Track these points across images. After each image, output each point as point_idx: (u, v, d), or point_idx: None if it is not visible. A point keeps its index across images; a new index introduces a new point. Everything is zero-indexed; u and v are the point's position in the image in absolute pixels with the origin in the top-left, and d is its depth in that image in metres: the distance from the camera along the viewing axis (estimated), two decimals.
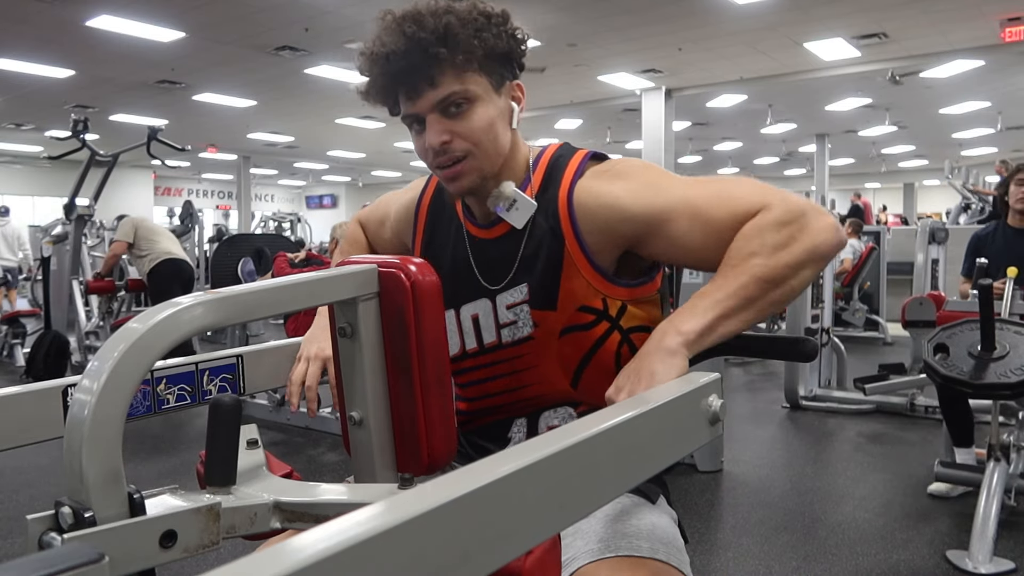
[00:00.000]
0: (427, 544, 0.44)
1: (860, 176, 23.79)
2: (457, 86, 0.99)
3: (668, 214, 1.01)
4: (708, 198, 1.00)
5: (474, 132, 1.01)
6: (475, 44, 0.99)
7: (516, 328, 1.09)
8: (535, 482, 0.54)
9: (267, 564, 0.37)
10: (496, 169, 1.06)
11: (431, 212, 1.19)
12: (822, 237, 0.95)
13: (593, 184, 1.05)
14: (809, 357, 1.04)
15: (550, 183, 1.08)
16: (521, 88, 1.09)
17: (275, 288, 0.82)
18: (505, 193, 1.06)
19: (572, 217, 1.04)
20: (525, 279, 1.08)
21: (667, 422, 0.73)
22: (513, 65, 1.06)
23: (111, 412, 0.63)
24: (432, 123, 1.01)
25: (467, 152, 1.02)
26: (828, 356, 5.09)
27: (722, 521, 2.98)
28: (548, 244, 1.06)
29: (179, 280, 5.71)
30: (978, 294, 2.78)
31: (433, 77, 0.99)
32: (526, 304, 1.08)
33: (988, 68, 10.32)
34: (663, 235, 1.02)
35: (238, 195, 18.61)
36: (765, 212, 0.96)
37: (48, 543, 0.62)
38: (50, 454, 2.84)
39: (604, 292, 1.05)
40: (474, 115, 1.01)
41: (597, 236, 1.04)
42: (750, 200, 0.98)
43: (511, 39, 1.04)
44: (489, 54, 1.01)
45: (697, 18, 8.19)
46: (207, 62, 9.77)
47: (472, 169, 1.03)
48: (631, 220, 1.02)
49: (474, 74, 1.01)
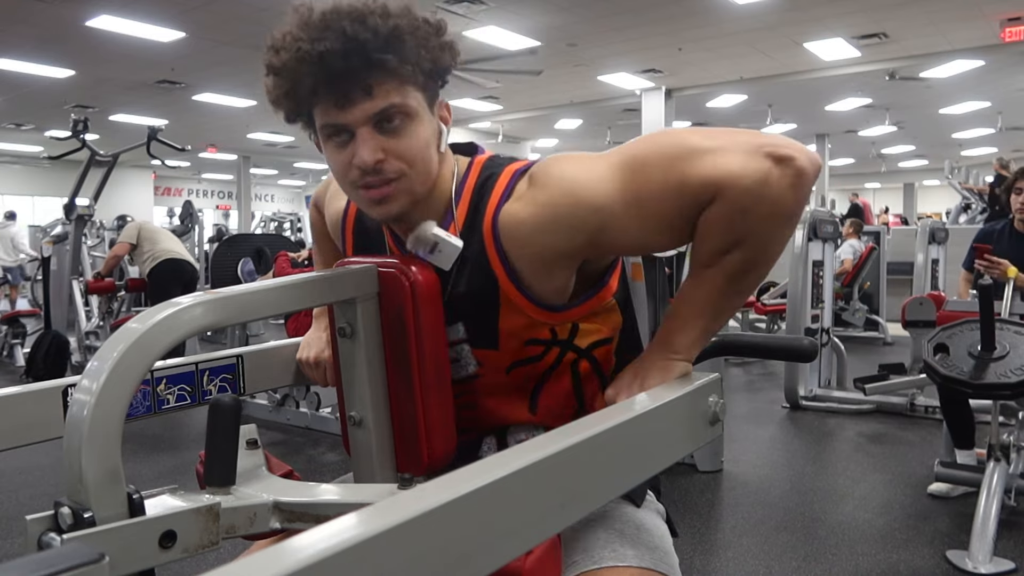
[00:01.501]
0: (427, 544, 0.44)
1: (860, 176, 23.79)
2: (397, 99, 0.87)
3: (611, 219, 0.88)
4: (649, 186, 0.86)
5: (410, 151, 0.89)
6: (423, 54, 0.88)
7: (460, 366, 0.99)
8: (535, 482, 0.54)
9: (267, 564, 0.37)
10: (426, 193, 0.93)
11: (356, 232, 1.07)
12: (790, 195, 0.83)
13: (518, 209, 0.91)
14: (809, 357, 1.04)
15: (476, 213, 0.94)
16: (448, 108, 0.97)
17: (275, 288, 0.82)
18: (424, 237, 0.92)
19: (500, 251, 0.91)
20: (460, 318, 0.97)
21: (667, 422, 0.73)
22: (441, 82, 0.95)
23: (111, 412, 0.63)
24: (365, 137, 0.87)
25: (400, 173, 0.89)
26: (828, 356, 5.09)
27: (722, 521, 2.98)
28: (479, 283, 0.93)
29: (180, 280, 5.70)
30: (978, 294, 2.78)
31: (371, 86, 0.86)
32: (466, 343, 0.98)
33: (988, 68, 10.32)
34: (612, 238, 0.90)
35: (238, 195, 18.62)
36: (719, 200, 0.84)
37: (48, 543, 0.62)
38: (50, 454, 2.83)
39: (549, 322, 0.95)
40: (410, 133, 0.89)
41: (533, 265, 0.92)
42: (698, 180, 0.84)
43: (449, 52, 0.93)
44: (432, 68, 0.90)
45: (697, 18, 8.19)
46: (207, 62, 9.77)
47: (403, 192, 0.90)
48: (569, 239, 0.89)
49: (414, 88, 0.89)
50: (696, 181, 0.83)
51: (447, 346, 0.96)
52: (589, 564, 0.90)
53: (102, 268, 6.17)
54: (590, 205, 0.87)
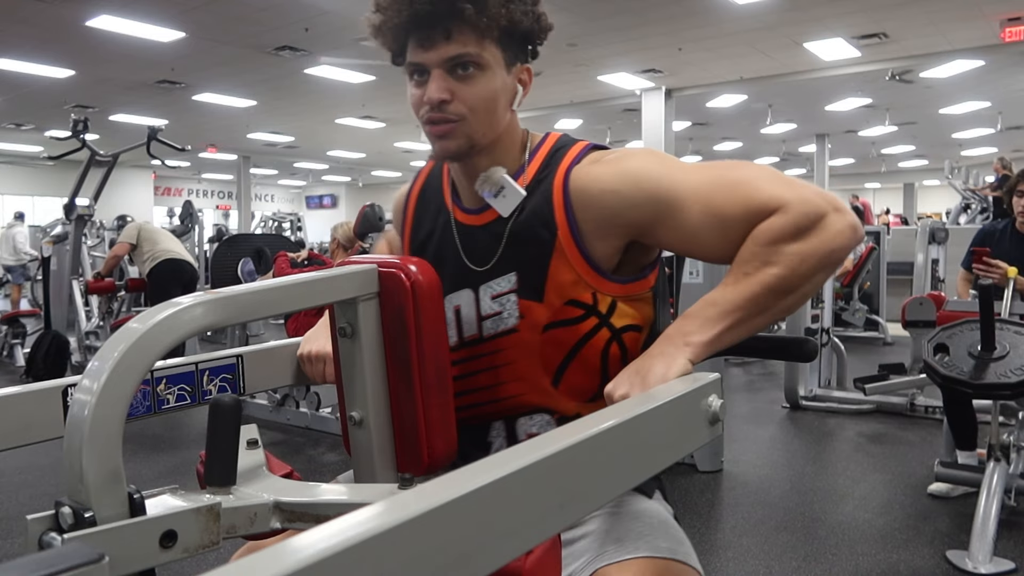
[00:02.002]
0: (427, 544, 0.44)
1: (860, 176, 23.79)
2: (472, 48, 0.96)
3: (679, 203, 0.95)
4: (722, 189, 0.94)
5: (475, 99, 0.98)
6: (502, 12, 0.96)
7: (500, 319, 1.03)
8: (535, 482, 0.54)
9: (267, 564, 0.37)
10: (486, 142, 1.02)
11: (420, 201, 1.16)
12: (839, 241, 0.90)
13: (593, 169, 1.00)
14: (809, 357, 1.04)
15: (546, 170, 1.03)
16: (530, 72, 1.06)
17: (275, 288, 0.82)
18: (493, 178, 1.02)
19: (567, 204, 1.00)
20: (513, 267, 1.03)
21: (667, 422, 0.73)
22: (528, 47, 1.04)
23: (111, 412, 0.63)
24: (436, 77, 0.97)
25: (461, 116, 0.98)
26: (828, 356, 5.09)
27: (722, 521, 2.98)
28: (538, 232, 1.01)
29: (179, 280, 5.70)
30: (978, 294, 2.78)
31: (451, 31, 0.95)
32: (514, 293, 1.02)
33: (988, 68, 10.32)
34: (672, 225, 0.96)
35: (238, 195, 18.61)
36: (782, 213, 0.90)
37: (48, 543, 0.62)
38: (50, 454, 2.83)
39: (595, 286, 1.00)
40: (480, 82, 0.98)
41: (596, 225, 0.99)
42: (768, 195, 0.91)
43: (535, 21, 1.01)
44: (511, 28, 0.98)
45: (697, 18, 8.19)
46: (207, 62, 9.76)
47: (461, 133, 0.99)
48: (637, 206, 0.97)
49: (491, 43, 0.98)
50: (766, 195, 0.92)
51: (447, 346, 0.96)
52: (624, 554, 0.92)
53: (102, 268, 6.18)
54: (665, 184, 0.96)
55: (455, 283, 1.07)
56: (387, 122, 13.94)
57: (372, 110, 13.03)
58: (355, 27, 8.23)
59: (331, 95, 11.69)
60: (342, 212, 25.40)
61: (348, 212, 24.24)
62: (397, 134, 15.24)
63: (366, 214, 5.04)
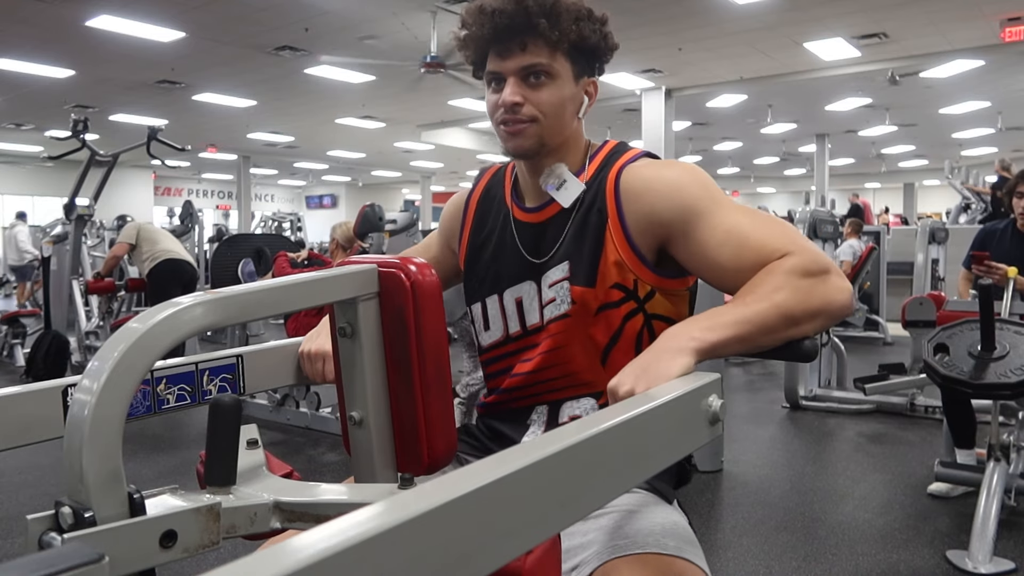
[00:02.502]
0: (427, 544, 0.44)
1: (860, 176, 23.79)
2: (544, 59, 1.08)
3: (706, 218, 1.04)
4: (748, 219, 1.04)
5: (544, 104, 1.09)
6: (572, 29, 1.08)
7: (555, 305, 1.12)
8: (535, 482, 0.54)
9: (267, 564, 0.37)
10: (555, 144, 1.13)
11: (481, 203, 1.26)
12: (840, 298, 0.99)
13: (644, 168, 1.11)
14: (809, 357, 1.04)
15: (603, 170, 1.14)
16: (596, 86, 1.17)
17: (275, 288, 0.82)
18: (556, 172, 1.13)
19: (617, 196, 1.10)
20: (567, 257, 1.12)
21: (667, 422, 0.73)
22: (595, 63, 1.16)
23: (111, 412, 0.63)
24: (512, 84, 1.09)
25: (532, 118, 1.10)
26: (828, 356, 5.09)
27: (722, 521, 2.98)
28: (592, 223, 1.11)
29: (179, 281, 5.70)
30: (978, 294, 2.78)
31: (526, 43, 1.08)
32: (566, 281, 1.11)
33: (988, 68, 10.32)
34: (695, 237, 1.04)
35: (238, 195, 18.61)
36: (795, 255, 0.99)
37: (48, 543, 0.62)
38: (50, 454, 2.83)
39: (636, 273, 1.08)
40: (549, 89, 1.10)
41: (639, 217, 1.08)
42: (782, 240, 1.01)
43: (603, 39, 1.14)
44: (580, 43, 1.10)
45: (697, 18, 8.19)
46: (207, 62, 9.77)
47: (532, 134, 1.10)
48: (673, 208, 1.06)
49: (562, 56, 1.10)
50: (785, 238, 1.01)
51: (447, 345, 0.96)
52: (633, 548, 0.96)
53: (101, 268, 6.18)
54: (699, 199, 1.06)
55: (516, 276, 1.17)
56: (387, 122, 13.93)
57: (372, 110, 13.04)
58: (355, 27, 8.25)
59: (331, 95, 11.69)
60: (342, 212, 25.40)
61: (348, 212, 24.25)
62: (397, 134, 15.24)
63: (366, 214, 5.03)
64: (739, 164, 21.38)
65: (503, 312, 1.18)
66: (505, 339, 1.18)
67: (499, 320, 1.19)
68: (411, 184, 24.72)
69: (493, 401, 1.20)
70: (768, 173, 23.99)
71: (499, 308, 1.18)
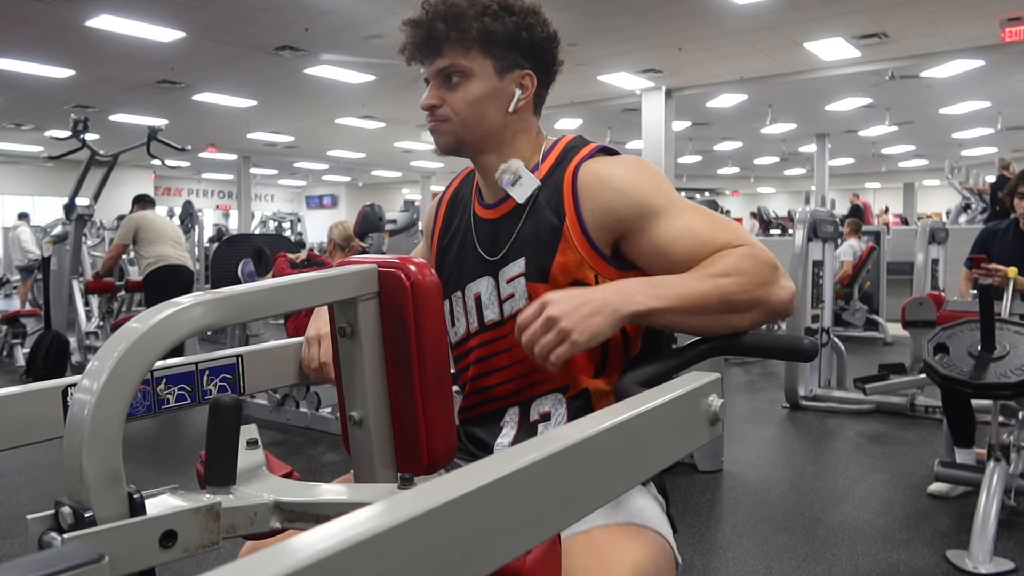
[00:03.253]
0: (427, 544, 0.44)
1: (860, 176, 23.79)
2: (460, 60, 1.10)
3: (663, 212, 1.07)
4: (702, 216, 1.08)
5: (459, 103, 1.12)
6: (474, 26, 1.09)
7: (514, 301, 1.13)
8: (535, 482, 0.54)
9: (267, 564, 0.37)
10: (475, 139, 1.14)
11: (451, 203, 1.28)
12: (782, 295, 1.04)
13: (599, 165, 1.11)
14: (809, 357, 1.04)
15: (559, 166, 1.14)
16: (531, 78, 1.16)
17: (275, 288, 0.82)
18: (511, 168, 1.14)
19: (575, 193, 1.10)
20: (523, 252, 1.13)
21: (667, 422, 0.73)
22: (526, 54, 1.14)
23: (111, 412, 0.63)
24: (432, 87, 1.14)
25: (447, 117, 1.13)
26: (828, 356, 5.09)
27: (722, 521, 2.98)
28: (547, 219, 1.11)
29: (175, 286, 5.67)
30: (978, 294, 2.78)
31: (441, 47, 1.11)
32: (523, 277, 1.13)
33: (988, 68, 10.32)
34: (649, 234, 1.07)
35: (238, 195, 18.61)
36: (749, 247, 1.04)
37: (48, 543, 0.62)
38: (50, 454, 2.83)
39: (596, 269, 1.09)
40: (464, 89, 1.11)
41: (595, 214, 1.09)
42: (735, 235, 1.06)
43: (525, 30, 1.12)
44: (488, 38, 1.10)
45: (697, 18, 8.19)
46: (207, 62, 9.77)
47: (448, 131, 1.14)
48: (628, 204, 1.07)
49: (477, 54, 1.11)
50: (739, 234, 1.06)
51: (447, 345, 0.97)
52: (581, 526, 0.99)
53: (100, 268, 6.17)
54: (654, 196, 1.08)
55: (474, 272, 1.18)
56: (387, 122, 13.93)
57: (372, 110, 13.03)
58: (355, 27, 8.24)
59: (331, 95, 11.69)
60: (342, 212, 25.40)
61: (348, 212, 24.24)
62: (397, 134, 15.24)
63: (366, 214, 5.04)
64: (739, 164, 21.38)
65: (465, 308, 1.19)
66: (467, 335, 1.19)
67: (462, 317, 1.20)
68: (411, 184, 24.71)
69: (469, 404, 1.21)
70: (768, 173, 23.99)
71: (462, 305, 1.19)
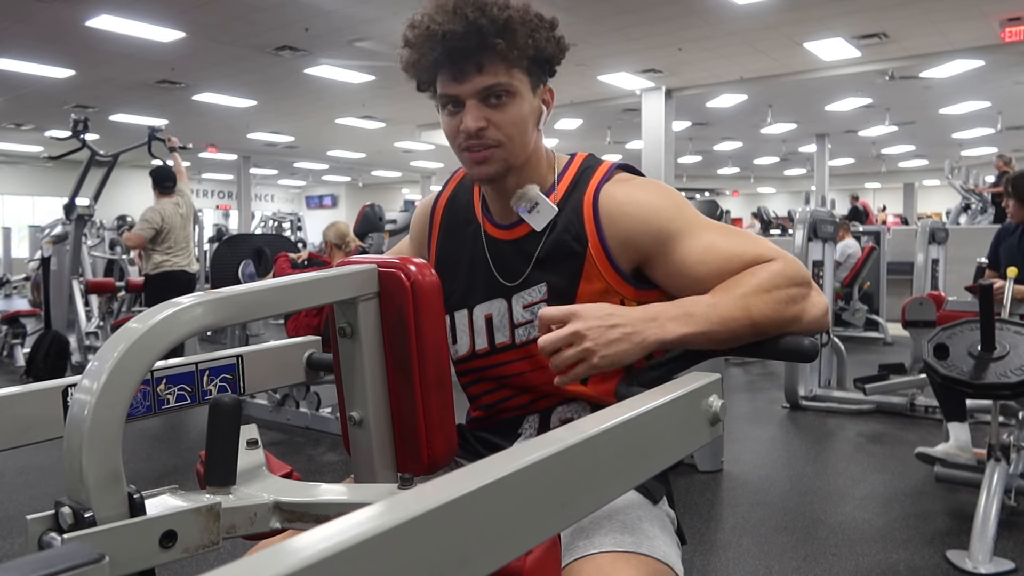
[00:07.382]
0: (427, 544, 0.44)
1: (860, 176, 23.79)
2: (503, 78, 1.03)
3: (684, 234, 1.03)
4: (724, 236, 1.04)
5: (509, 125, 1.05)
6: (529, 43, 1.03)
7: (532, 327, 1.09)
8: (535, 482, 0.54)
9: (267, 564, 0.37)
10: (519, 163, 1.08)
11: (448, 209, 1.21)
12: (816, 312, 1.00)
13: (619, 189, 1.08)
14: (809, 357, 1.04)
15: (576, 188, 1.10)
16: (551, 92, 1.13)
17: (275, 288, 0.82)
18: (528, 195, 1.09)
19: (596, 220, 1.07)
20: (544, 279, 1.09)
21: (667, 422, 0.73)
22: (549, 70, 1.11)
23: (111, 412, 0.63)
24: (471, 108, 1.03)
25: (498, 141, 1.05)
26: (828, 356, 5.09)
27: (722, 521, 2.98)
28: (569, 246, 1.08)
29: (176, 288, 5.65)
30: (978, 294, 2.78)
31: (483, 64, 1.02)
32: (544, 303, 1.09)
33: (988, 68, 10.31)
34: (674, 256, 1.04)
35: (238, 195, 18.61)
36: (779, 262, 1.00)
37: (48, 543, 0.62)
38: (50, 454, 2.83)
39: (623, 293, 1.06)
40: (512, 109, 1.05)
41: (618, 241, 1.06)
42: (764, 249, 1.02)
43: (556, 45, 1.09)
44: (537, 55, 1.06)
45: (697, 18, 8.19)
46: (207, 62, 9.76)
47: (499, 158, 1.06)
48: (648, 232, 1.04)
49: (520, 71, 1.05)
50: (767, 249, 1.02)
51: (447, 346, 0.97)
52: (590, 549, 0.95)
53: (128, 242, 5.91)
54: (674, 220, 1.05)
55: (487, 294, 1.14)
56: (387, 122, 13.93)
57: (372, 110, 13.03)
58: (355, 27, 8.24)
59: (331, 95, 11.69)
60: (342, 212, 25.40)
61: (348, 212, 24.24)
62: (397, 134, 15.23)
63: (366, 214, 5.03)
64: (739, 164, 21.37)
65: (471, 328, 1.15)
66: (471, 355, 1.15)
67: (466, 335, 1.15)
68: (411, 184, 24.71)
69: (480, 416, 1.19)
70: (768, 173, 23.99)
71: (468, 323, 1.15)
